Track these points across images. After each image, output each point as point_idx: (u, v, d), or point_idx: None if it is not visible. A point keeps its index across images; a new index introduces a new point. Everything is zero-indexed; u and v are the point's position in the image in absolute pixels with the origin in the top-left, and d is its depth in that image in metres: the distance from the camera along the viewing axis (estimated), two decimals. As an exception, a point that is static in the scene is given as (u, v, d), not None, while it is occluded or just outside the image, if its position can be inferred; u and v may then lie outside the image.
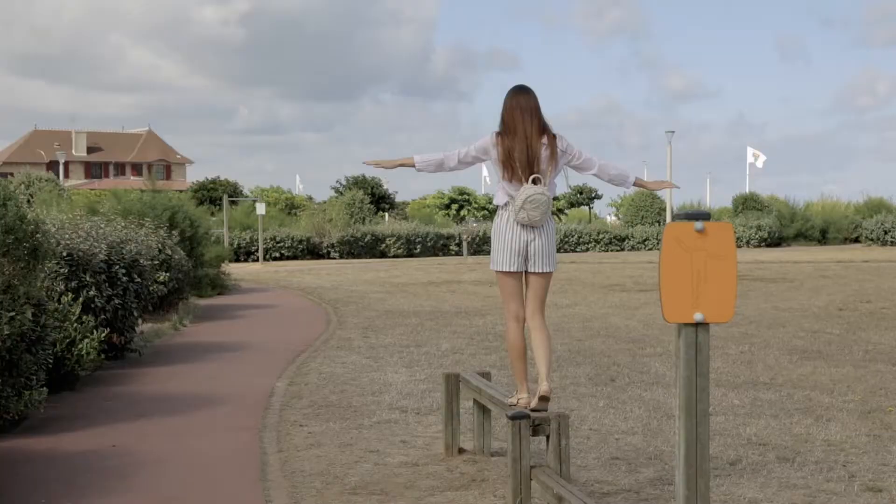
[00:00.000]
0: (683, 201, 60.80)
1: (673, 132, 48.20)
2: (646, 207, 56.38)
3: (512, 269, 6.05)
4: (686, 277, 3.68)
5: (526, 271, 6.11)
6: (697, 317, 3.69)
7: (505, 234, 6.05)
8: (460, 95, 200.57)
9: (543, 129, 6.02)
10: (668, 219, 46.51)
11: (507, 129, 6.00)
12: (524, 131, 5.95)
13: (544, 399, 5.84)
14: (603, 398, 9.28)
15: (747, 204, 58.78)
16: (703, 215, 3.68)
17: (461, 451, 7.20)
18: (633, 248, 52.46)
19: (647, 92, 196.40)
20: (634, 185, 6.28)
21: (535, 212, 5.90)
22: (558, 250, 51.04)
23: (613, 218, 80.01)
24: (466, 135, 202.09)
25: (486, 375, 7.25)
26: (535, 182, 5.93)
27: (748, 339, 13.39)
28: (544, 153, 5.98)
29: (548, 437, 5.57)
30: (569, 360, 11.77)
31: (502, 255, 6.05)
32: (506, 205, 6.06)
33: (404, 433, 7.96)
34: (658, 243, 51.35)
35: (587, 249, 51.72)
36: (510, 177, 5.98)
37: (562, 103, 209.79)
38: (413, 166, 6.25)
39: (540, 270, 6.09)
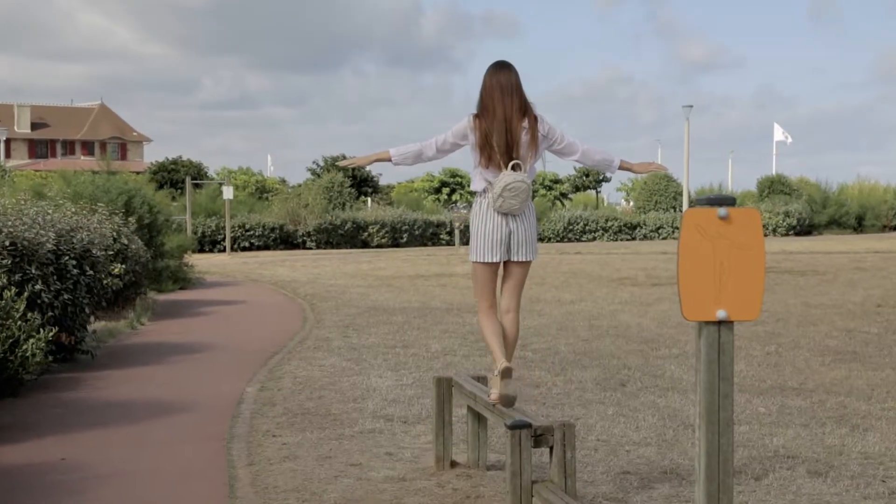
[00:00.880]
0: (702, 184, 60.98)
1: (691, 107, 48.25)
2: (660, 191, 56.46)
3: (494, 260, 6.36)
4: (708, 270, 3.68)
5: (507, 260, 6.43)
6: (720, 314, 3.69)
7: (486, 223, 6.34)
8: (453, 66, 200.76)
9: (525, 110, 6.22)
10: (685, 204, 46.61)
11: (484, 111, 6.21)
12: (503, 113, 6.16)
13: (508, 373, 6.23)
14: (612, 405, 9.29)
15: (774, 187, 58.90)
16: (728, 200, 3.68)
17: (454, 464, 7.20)
18: (645, 238, 52.54)
19: (663, 61, 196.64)
20: (620, 168, 6.51)
21: (515, 200, 6.18)
22: (561, 239, 51.24)
23: (624, 203, 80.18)
24: (459, 111, 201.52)
25: (481, 380, 7.25)
26: (514, 168, 6.19)
27: (775, 339, 13.42)
28: (525, 137, 6.20)
29: (551, 449, 5.57)
30: (574, 362, 11.78)
31: (484, 246, 6.35)
32: (484, 191, 6.33)
33: (390, 444, 7.95)
34: (674, 232, 51.52)
35: (594, 238, 51.79)
36: (487, 163, 6.24)
37: (566, 74, 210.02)
38: (389, 160, 6.51)
39: (522, 259, 6.42)
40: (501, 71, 6.24)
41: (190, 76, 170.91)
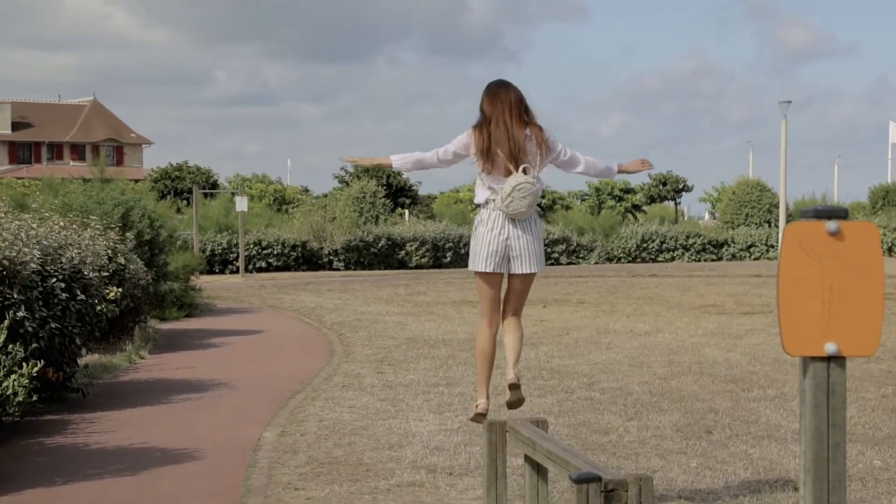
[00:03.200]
0: (802, 194, 60.61)
1: (789, 102, 47.94)
2: (752, 203, 56.19)
3: (489, 269, 7.14)
4: (815, 296, 3.64)
5: (509, 272, 7.26)
6: (830, 348, 3.65)
7: (484, 233, 7.15)
8: (505, 54, 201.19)
9: (526, 119, 7.18)
10: (782, 217, 46.28)
11: (485, 121, 7.16)
12: (504, 121, 7.10)
13: (515, 387, 7.06)
14: (696, 456, 9.24)
15: (889, 198, 58.40)
16: (839, 212, 3.65)
17: (508, 525, 7.18)
18: (734, 257, 52.29)
19: (755, 49, 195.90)
20: (618, 172, 7.53)
21: (524, 201, 6.96)
22: (633, 259, 51.16)
23: (708, 217, 79.82)
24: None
25: (541, 424, 7.22)
26: (524, 171, 7.04)
27: (894, 379, 13.29)
28: (529, 145, 7.13)
29: (625, 508, 5.54)
30: (650, 404, 11.73)
31: (481, 254, 7.14)
32: (486, 203, 7.15)
33: (433, 500, 7.95)
34: (768, 250, 51.24)
35: (673, 258, 51.62)
36: (491, 167, 7.10)
37: (639, 64, 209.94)
38: (390, 166, 7.51)
39: (524, 271, 7.24)
40: (500, 87, 7.25)
41: (198, 67, 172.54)
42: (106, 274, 14.47)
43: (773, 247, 50.77)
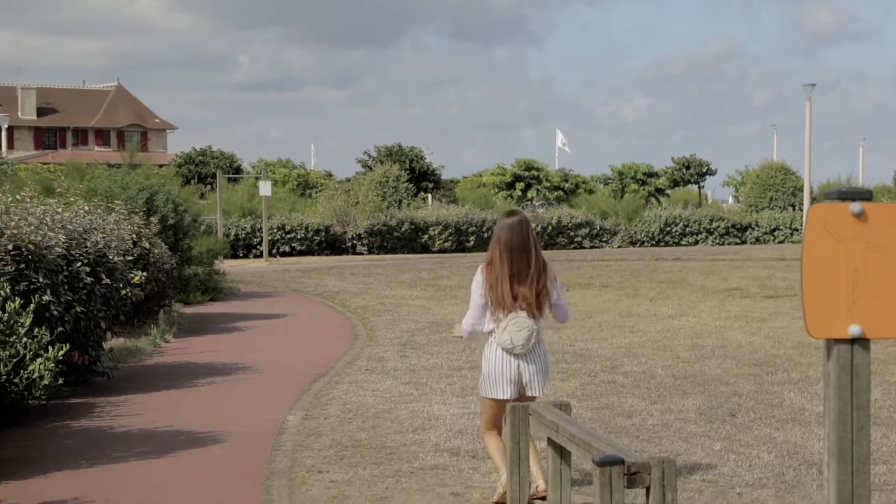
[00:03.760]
0: (827, 177, 60.34)
1: (814, 85, 47.70)
2: (776, 186, 55.94)
3: (505, 398, 7.46)
4: (839, 277, 3.62)
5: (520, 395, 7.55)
6: (854, 330, 3.63)
7: (497, 361, 7.48)
8: (529, 38, 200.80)
9: (537, 265, 7.56)
10: (806, 200, 46.11)
11: (493, 262, 7.57)
12: (510, 269, 7.47)
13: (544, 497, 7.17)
14: (720, 439, 9.22)
15: (913, 181, 58.05)
16: (863, 193, 3.62)
17: (532, 507, 7.18)
18: (758, 241, 52.09)
19: (780, 32, 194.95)
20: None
21: (519, 335, 7.39)
22: (657, 243, 50.92)
23: (732, 201, 79.46)
24: (536, 92, 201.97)
25: (564, 407, 7.22)
26: (526, 312, 7.46)
27: (916, 362, 13.24)
28: (531, 289, 7.50)
29: (648, 490, 5.54)
30: (673, 387, 11.71)
31: (496, 384, 7.47)
32: (492, 331, 7.51)
33: (456, 483, 7.95)
34: (792, 234, 51.03)
35: (696, 242, 51.45)
36: (495, 304, 7.48)
37: (663, 47, 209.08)
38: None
39: (535, 394, 7.58)
40: (513, 230, 7.58)
41: (222, 52, 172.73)
42: (130, 258, 14.52)
43: (797, 230, 50.53)
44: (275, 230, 43.56)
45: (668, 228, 51.34)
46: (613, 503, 5.49)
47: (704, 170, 76.57)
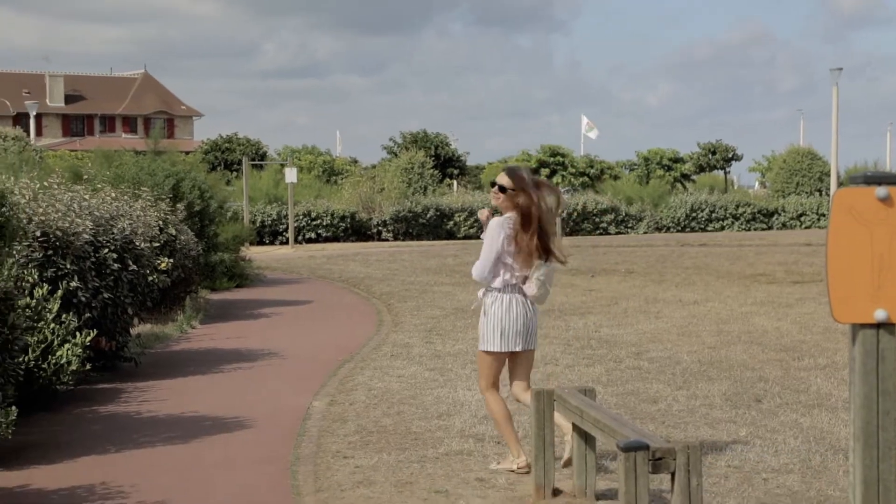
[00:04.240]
0: (854, 161, 60.00)
1: (841, 70, 47.45)
2: (803, 171, 55.72)
3: (517, 349, 7.74)
4: (864, 262, 3.60)
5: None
6: (879, 315, 3.61)
7: (513, 313, 7.69)
8: (553, 25, 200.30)
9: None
10: (833, 185, 45.91)
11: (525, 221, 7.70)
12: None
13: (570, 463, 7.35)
14: (745, 425, 9.20)
15: (940, 166, 57.73)
16: (889, 177, 3.60)
17: (556, 492, 7.19)
18: (784, 226, 51.89)
19: (807, 16, 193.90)
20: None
21: (547, 284, 7.80)
22: (682, 228, 50.80)
23: (758, 186, 79.14)
24: (560, 78, 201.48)
25: (589, 393, 7.21)
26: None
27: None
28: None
29: (673, 475, 5.53)
30: (699, 373, 11.68)
31: (510, 337, 7.68)
32: (504, 287, 7.73)
33: (481, 469, 7.96)
34: (819, 219, 50.82)
35: (722, 228, 51.29)
36: (526, 254, 7.70)
37: (690, 33, 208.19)
38: None
39: (534, 346, 7.94)
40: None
41: (248, 40, 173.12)
42: (157, 244, 14.57)
43: (823, 215, 50.31)
44: (300, 217, 43.63)
45: (694, 214, 51.20)
46: (638, 488, 5.48)
47: (730, 155, 76.24)
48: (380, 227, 45.50)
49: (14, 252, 9.34)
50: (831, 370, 11.74)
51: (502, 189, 7.73)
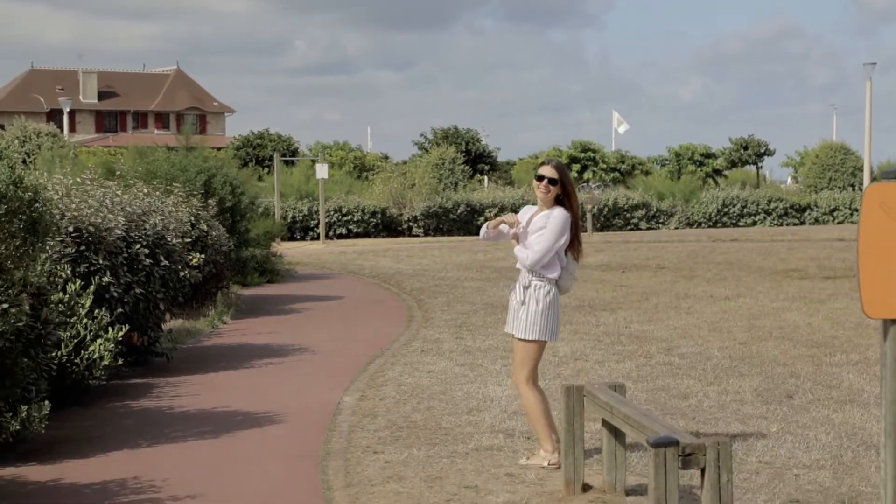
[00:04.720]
0: (888, 156, 59.63)
1: (874, 64, 47.15)
2: (836, 166, 55.46)
3: (556, 340, 8.27)
4: (895, 257, 3.58)
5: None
6: (911, 310, 3.59)
7: (558, 305, 7.95)
8: (586, 19, 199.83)
9: None
10: (866, 180, 45.62)
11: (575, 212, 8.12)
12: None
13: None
14: (776, 420, 9.16)
15: (974, 161, 57.30)
16: (920, 172, 3.57)
17: (586, 487, 7.17)
18: (817, 221, 51.61)
19: (840, 9, 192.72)
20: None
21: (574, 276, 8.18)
22: (714, 224, 50.66)
23: (790, 181, 78.75)
24: (593, 74, 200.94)
25: (619, 389, 7.20)
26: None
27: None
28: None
29: (703, 471, 5.51)
30: (730, 369, 11.64)
31: (556, 327, 7.95)
32: (554, 278, 7.91)
33: (510, 464, 7.96)
34: (852, 214, 50.51)
35: (754, 223, 51.07)
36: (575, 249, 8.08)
37: (721, 27, 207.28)
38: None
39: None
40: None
41: (279, 37, 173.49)
42: (189, 240, 14.62)
43: (856, 210, 49.73)
44: (331, 212, 43.70)
45: (726, 210, 50.98)
46: (668, 484, 5.46)
47: (762, 150, 75.93)
48: (410, 223, 45.52)
49: (47, 247, 9.40)
50: (863, 366, 11.68)
51: (553, 182, 7.96)
